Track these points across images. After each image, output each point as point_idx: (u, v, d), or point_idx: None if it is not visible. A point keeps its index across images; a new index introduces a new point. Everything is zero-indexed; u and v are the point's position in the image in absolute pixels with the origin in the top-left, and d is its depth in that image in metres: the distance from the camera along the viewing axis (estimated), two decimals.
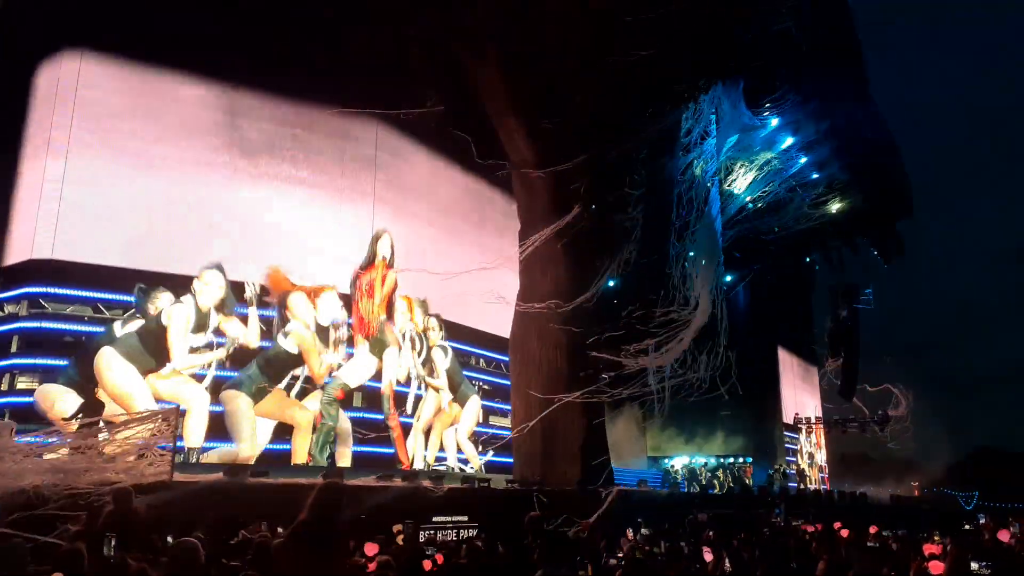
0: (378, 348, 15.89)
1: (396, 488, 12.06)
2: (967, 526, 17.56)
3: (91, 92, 16.36)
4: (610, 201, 17.68)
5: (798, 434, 38.51)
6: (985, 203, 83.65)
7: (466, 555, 7.16)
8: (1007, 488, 36.75)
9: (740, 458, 33.06)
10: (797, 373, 41.93)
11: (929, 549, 8.27)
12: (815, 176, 28.45)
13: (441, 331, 17.65)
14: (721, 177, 25.09)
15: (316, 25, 17.00)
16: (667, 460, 33.04)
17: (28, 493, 7.40)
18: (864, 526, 12.26)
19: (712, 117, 22.62)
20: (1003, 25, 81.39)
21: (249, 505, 9.09)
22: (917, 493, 40.02)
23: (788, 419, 37.80)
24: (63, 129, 16.11)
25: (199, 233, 16.39)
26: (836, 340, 34.72)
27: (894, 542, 10.83)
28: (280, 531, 7.07)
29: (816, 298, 40.49)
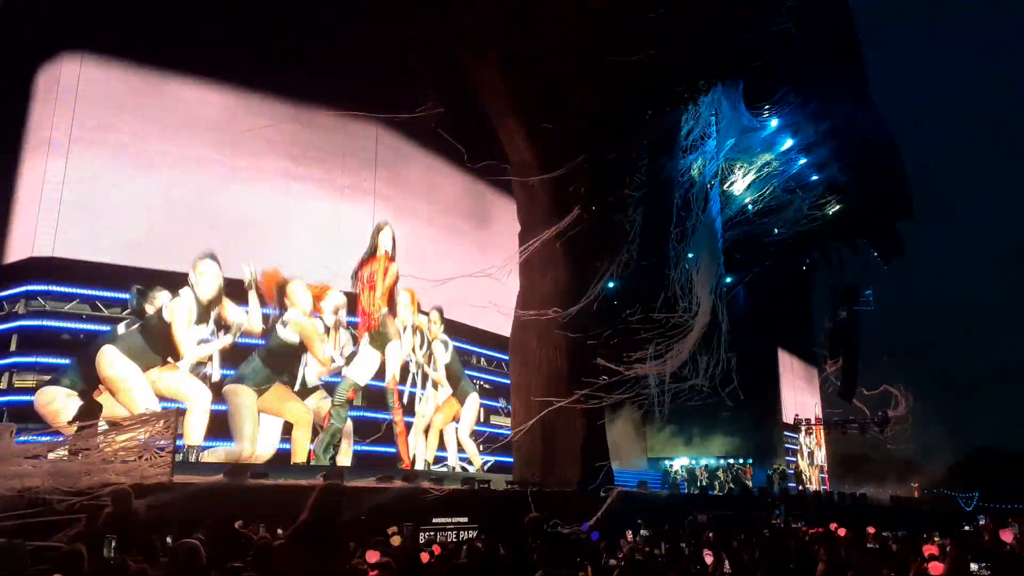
0: (380, 342, 15.94)
1: (396, 489, 12.06)
2: (967, 527, 17.54)
3: (91, 91, 16.35)
4: (610, 202, 17.65)
5: (798, 434, 38.50)
6: (985, 203, 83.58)
7: (467, 556, 7.16)
8: (1007, 489, 36.70)
9: (740, 459, 33.02)
10: (797, 374, 41.94)
11: (929, 550, 8.25)
12: (815, 177, 28.44)
13: (441, 324, 17.74)
14: (721, 178, 25.08)
15: (316, 25, 16.99)
16: (667, 461, 32.99)
17: (28, 495, 7.39)
18: (863, 527, 12.24)
19: (712, 118, 22.61)
20: (1003, 25, 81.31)
21: (249, 506, 9.08)
22: (917, 494, 39.98)
23: (788, 420, 37.80)
24: (63, 128, 16.10)
25: (199, 232, 16.35)
26: (836, 341, 34.76)
27: (894, 543, 10.82)
28: (280, 532, 7.07)
29: (816, 299, 40.56)
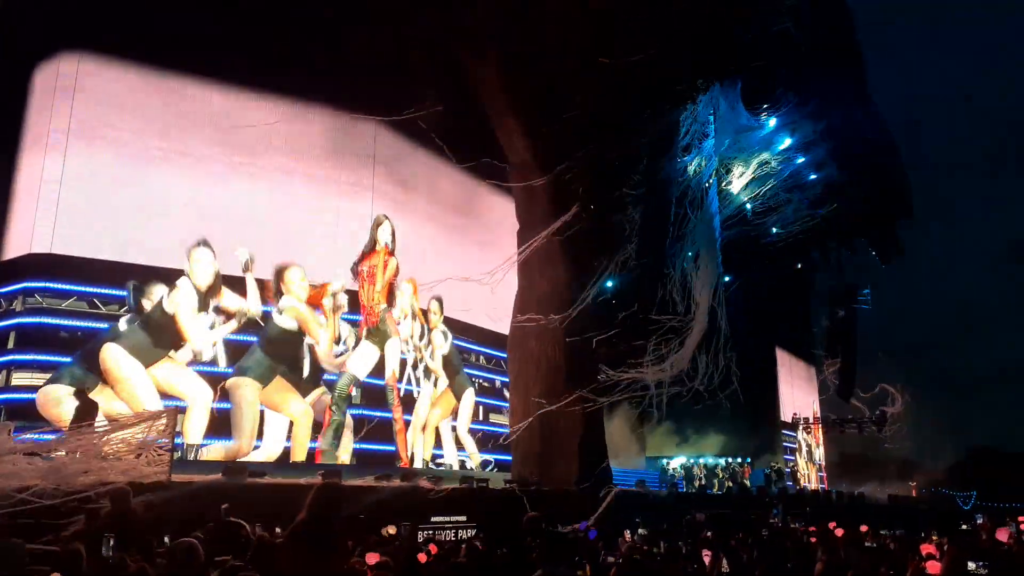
0: (379, 338, 15.97)
1: (394, 488, 12.07)
2: (965, 526, 17.55)
3: (90, 90, 16.37)
4: (609, 201, 17.66)
5: (796, 431, 38.52)
6: (985, 203, 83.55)
7: (465, 555, 7.17)
8: (1006, 488, 36.70)
9: (738, 458, 33.04)
10: (795, 373, 41.96)
11: (926, 549, 8.26)
12: (813, 177, 28.40)
13: (441, 315, 17.80)
14: (719, 178, 25.05)
15: (316, 25, 16.99)
16: (665, 460, 33.01)
17: (27, 494, 7.40)
18: (859, 526, 12.24)
19: (710, 118, 22.59)
20: (1003, 25, 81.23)
21: (247, 505, 9.08)
22: (915, 493, 39.99)
23: (787, 419, 37.83)
24: (62, 126, 16.13)
25: (197, 229, 16.35)
26: (834, 341, 34.76)
27: (891, 542, 10.83)
28: (279, 531, 7.08)
29: (815, 299, 40.51)
